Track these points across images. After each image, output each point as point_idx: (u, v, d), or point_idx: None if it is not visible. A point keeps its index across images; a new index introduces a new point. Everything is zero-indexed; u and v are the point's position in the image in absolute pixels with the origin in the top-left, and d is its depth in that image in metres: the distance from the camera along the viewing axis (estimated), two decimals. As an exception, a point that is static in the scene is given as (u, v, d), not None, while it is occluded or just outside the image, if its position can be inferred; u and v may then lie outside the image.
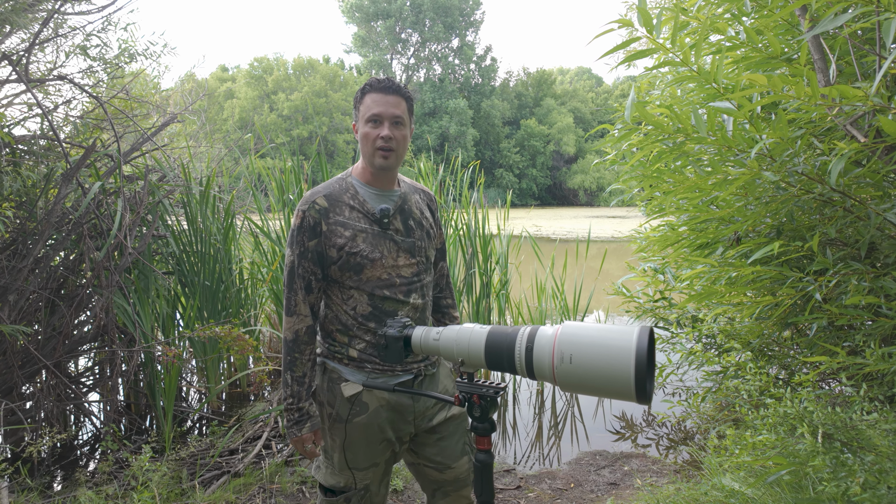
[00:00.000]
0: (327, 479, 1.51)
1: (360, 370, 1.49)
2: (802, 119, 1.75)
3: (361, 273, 1.46)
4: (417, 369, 1.53)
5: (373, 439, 1.48)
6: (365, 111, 1.44)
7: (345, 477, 1.49)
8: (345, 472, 1.49)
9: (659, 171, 2.31)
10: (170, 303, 3.70)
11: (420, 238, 1.55)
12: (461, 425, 1.61)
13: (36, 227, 2.99)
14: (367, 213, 1.48)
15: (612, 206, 27.68)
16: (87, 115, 3.68)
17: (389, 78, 1.46)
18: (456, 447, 1.58)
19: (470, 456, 1.61)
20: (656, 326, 3.68)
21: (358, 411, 1.47)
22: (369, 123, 1.44)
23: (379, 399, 1.48)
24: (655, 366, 1.50)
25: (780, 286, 2.07)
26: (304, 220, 1.45)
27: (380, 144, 1.43)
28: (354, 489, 1.49)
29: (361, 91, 1.47)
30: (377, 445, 1.49)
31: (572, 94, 54.06)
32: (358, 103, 1.48)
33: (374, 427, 1.47)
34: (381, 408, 1.48)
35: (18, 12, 2.71)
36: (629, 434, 3.57)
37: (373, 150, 1.44)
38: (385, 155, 1.44)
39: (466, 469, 1.60)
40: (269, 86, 38.86)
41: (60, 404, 3.11)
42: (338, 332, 1.50)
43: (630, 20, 1.74)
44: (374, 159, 1.45)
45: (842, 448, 1.67)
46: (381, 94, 1.44)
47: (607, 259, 5.12)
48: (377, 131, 1.43)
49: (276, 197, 3.75)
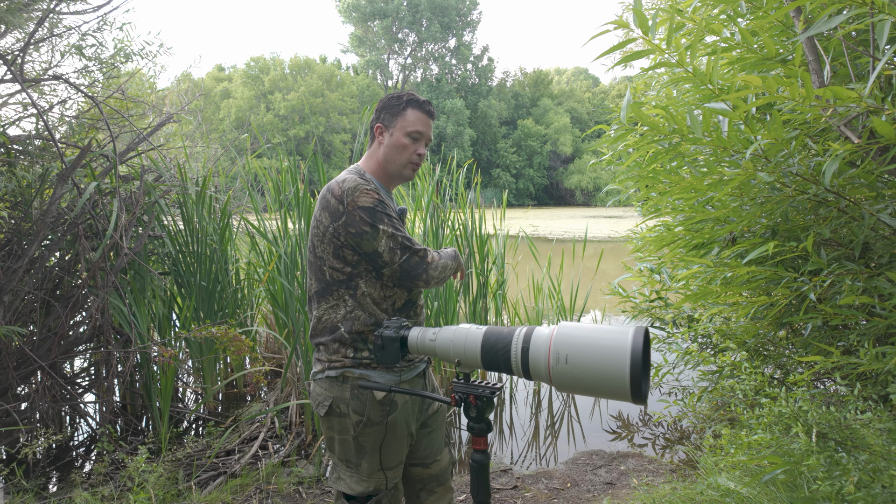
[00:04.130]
0: (354, 487, 1.47)
1: (389, 370, 1.49)
2: (797, 120, 1.76)
3: None
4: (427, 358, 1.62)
5: (401, 435, 1.51)
6: (408, 124, 1.52)
7: (375, 480, 1.48)
8: (375, 475, 1.48)
9: (655, 172, 2.32)
10: (166, 303, 3.69)
11: None
12: (443, 417, 1.70)
13: (31, 228, 2.97)
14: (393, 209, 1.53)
15: (608, 207, 27.69)
16: (83, 115, 3.66)
17: (429, 101, 1.57)
18: (439, 438, 1.66)
19: (449, 448, 1.70)
20: (652, 326, 3.69)
21: (389, 410, 1.48)
22: (409, 137, 1.52)
23: (404, 395, 1.51)
24: (651, 366, 1.51)
25: (776, 286, 2.08)
26: (370, 197, 1.42)
27: (415, 160, 1.54)
28: (385, 490, 1.50)
29: (404, 102, 1.53)
30: (404, 440, 1.53)
31: (569, 94, 54.18)
32: (397, 112, 1.53)
33: (402, 423, 1.51)
34: (407, 402, 1.52)
35: (13, 12, 2.70)
36: (625, 434, 3.58)
37: (406, 162, 1.53)
38: (415, 170, 1.56)
39: (447, 461, 1.68)
40: (266, 85, 38.82)
41: (56, 405, 3.10)
42: (369, 332, 1.46)
43: (626, 22, 1.74)
44: (404, 171, 1.55)
45: (836, 447, 1.68)
46: (426, 116, 1.54)
47: (604, 259, 5.13)
48: (415, 147, 1.53)
49: (272, 197, 3.74)
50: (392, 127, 1.53)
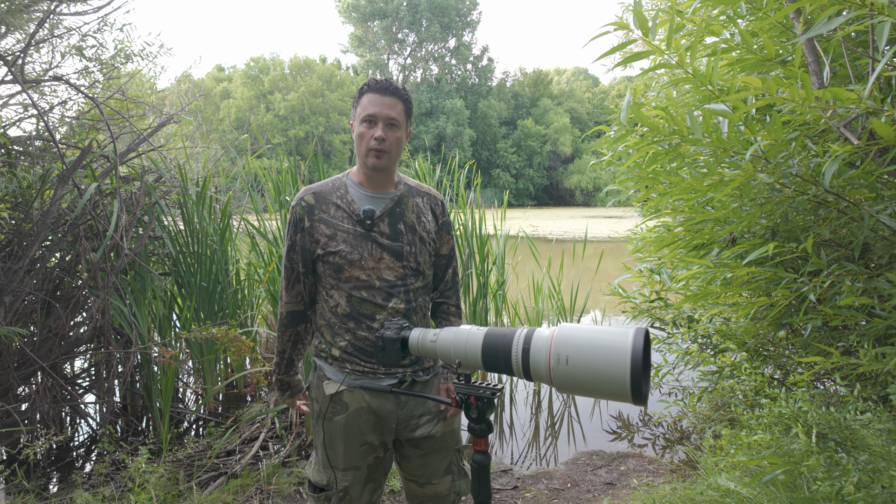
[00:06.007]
0: (314, 475, 1.54)
1: (341, 370, 1.49)
2: (797, 121, 1.77)
3: (340, 273, 1.46)
4: (403, 374, 1.50)
5: (352, 441, 1.47)
6: (361, 111, 1.45)
7: (327, 475, 1.50)
8: (327, 469, 1.50)
9: (655, 173, 2.33)
10: (166, 304, 3.70)
11: (410, 243, 1.51)
12: (447, 445, 1.58)
13: (32, 229, 2.97)
14: (352, 213, 1.48)
15: (608, 207, 27.70)
16: (83, 115, 3.67)
17: (388, 79, 1.45)
18: (439, 465, 1.57)
19: (454, 477, 1.59)
20: (652, 327, 3.69)
21: (338, 410, 1.47)
22: (364, 123, 1.44)
23: (360, 401, 1.47)
24: (651, 366, 1.50)
25: (775, 287, 2.08)
26: (292, 214, 1.52)
27: (373, 145, 1.43)
28: (334, 489, 1.49)
29: (360, 91, 1.47)
30: (357, 448, 1.48)
31: (569, 94, 54.17)
32: (356, 103, 1.48)
33: (354, 428, 1.47)
34: (361, 410, 1.47)
35: (14, 13, 2.70)
36: (626, 434, 3.58)
37: (366, 150, 1.45)
38: (378, 155, 1.44)
39: (447, 489, 1.58)
40: (266, 86, 38.80)
41: (56, 406, 3.10)
42: (324, 328, 1.52)
43: (626, 23, 1.74)
44: (367, 159, 1.46)
45: (836, 447, 1.68)
46: (378, 95, 1.43)
47: (604, 259, 5.13)
48: (371, 132, 1.44)
49: (272, 197, 3.75)
50: (354, 120, 1.49)
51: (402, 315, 1.50)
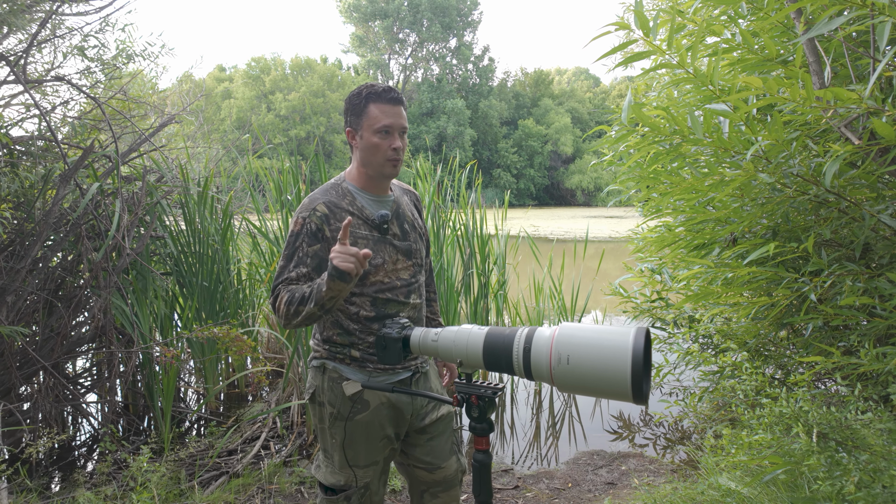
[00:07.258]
0: (327, 478, 1.53)
1: (361, 369, 1.51)
2: (798, 121, 1.77)
3: (366, 279, 1.47)
4: (415, 367, 1.58)
5: (373, 436, 1.50)
6: (373, 122, 1.43)
7: (345, 475, 1.50)
8: (345, 469, 1.50)
9: (656, 173, 2.33)
10: (168, 303, 3.70)
11: (415, 240, 1.58)
12: (449, 425, 1.65)
13: (34, 228, 2.98)
14: (367, 219, 1.49)
15: (609, 207, 27.68)
16: (85, 115, 3.68)
17: (390, 87, 1.46)
18: (445, 447, 1.62)
19: (458, 455, 1.65)
20: (653, 327, 3.69)
21: (359, 409, 1.49)
22: (379, 134, 1.44)
23: (380, 397, 1.50)
24: (652, 366, 1.50)
25: (776, 287, 2.08)
26: (305, 226, 1.44)
27: (391, 156, 1.45)
28: (355, 487, 1.50)
29: (364, 99, 1.44)
30: (377, 443, 1.51)
31: (570, 94, 54.10)
32: (360, 111, 1.46)
33: (376, 424, 1.50)
34: (381, 405, 1.50)
35: (16, 13, 2.71)
36: (626, 434, 3.58)
37: (383, 160, 1.46)
38: (395, 164, 1.47)
39: (455, 469, 1.64)
40: (267, 86, 38.80)
41: (58, 405, 3.10)
42: (338, 336, 1.51)
43: (627, 23, 1.75)
44: (385, 169, 1.47)
45: (837, 447, 1.68)
46: (389, 105, 1.44)
47: (605, 259, 5.13)
48: (388, 142, 1.45)
49: (273, 197, 3.75)
50: (360, 129, 1.46)
51: (418, 309, 1.58)
